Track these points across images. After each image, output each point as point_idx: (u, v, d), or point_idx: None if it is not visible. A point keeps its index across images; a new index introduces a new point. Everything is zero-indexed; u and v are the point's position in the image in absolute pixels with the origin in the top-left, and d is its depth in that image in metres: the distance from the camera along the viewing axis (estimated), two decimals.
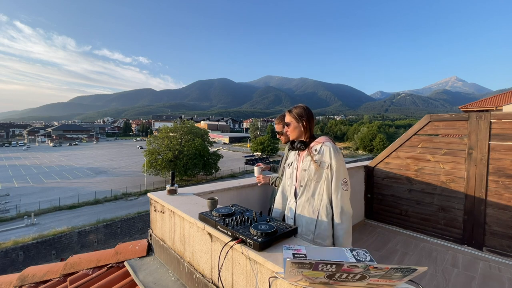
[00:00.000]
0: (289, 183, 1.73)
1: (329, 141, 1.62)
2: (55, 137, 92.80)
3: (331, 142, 1.61)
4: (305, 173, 1.60)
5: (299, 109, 1.69)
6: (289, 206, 1.70)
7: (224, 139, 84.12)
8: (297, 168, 1.67)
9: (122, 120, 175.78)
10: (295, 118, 1.68)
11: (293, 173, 1.68)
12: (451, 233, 3.11)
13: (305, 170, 1.60)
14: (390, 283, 0.81)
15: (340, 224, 1.54)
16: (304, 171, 1.60)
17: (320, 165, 1.56)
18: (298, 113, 1.68)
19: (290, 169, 1.72)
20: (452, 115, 3.14)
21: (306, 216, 1.57)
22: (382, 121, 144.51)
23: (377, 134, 70.48)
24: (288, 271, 0.84)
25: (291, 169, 1.71)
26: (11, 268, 14.76)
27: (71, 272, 2.11)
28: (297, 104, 1.72)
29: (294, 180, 1.67)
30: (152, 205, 2.21)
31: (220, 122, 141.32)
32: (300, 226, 1.58)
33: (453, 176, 3.09)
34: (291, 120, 1.69)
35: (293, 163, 1.71)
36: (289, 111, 1.71)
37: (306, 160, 1.61)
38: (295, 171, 1.67)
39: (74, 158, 50.31)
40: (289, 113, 1.70)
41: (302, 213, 1.59)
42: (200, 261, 1.57)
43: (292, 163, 1.72)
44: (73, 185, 29.18)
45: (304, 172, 1.60)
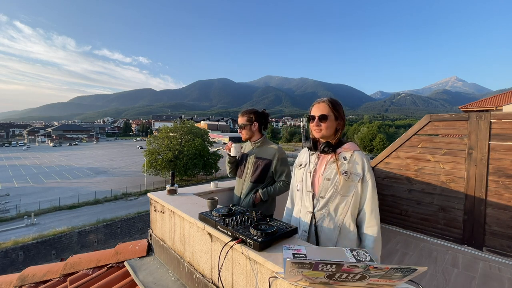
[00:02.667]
0: (299, 187, 1.49)
1: (359, 150, 1.41)
2: (55, 137, 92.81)
3: (362, 151, 1.41)
4: (329, 183, 1.36)
5: (338, 104, 1.41)
6: (300, 216, 1.46)
7: (224, 139, 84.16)
8: (315, 173, 1.43)
9: (122, 120, 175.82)
10: (335, 113, 1.40)
11: (308, 177, 1.44)
12: (451, 233, 3.11)
13: (329, 179, 1.36)
14: (390, 283, 0.81)
15: (373, 249, 1.32)
16: (328, 181, 1.36)
17: (350, 177, 1.34)
18: (338, 107, 1.41)
19: (303, 171, 1.49)
20: (452, 115, 3.14)
21: (325, 231, 1.37)
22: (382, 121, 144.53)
23: (377, 134, 70.51)
24: (288, 271, 0.84)
25: (304, 172, 1.47)
26: (11, 268, 14.76)
27: (71, 272, 2.11)
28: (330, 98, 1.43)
29: (310, 187, 1.42)
30: (152, 205, 2.21)
31: (220, 122, 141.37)
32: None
33: (453, 176, 3.09)
34: (329, 113, 1.38)
35: (308, 165, 1.47)
36: (331, 102, 1.41)
37: (331, 168, 1.38)
38: (310, 174, 1.43)
39: (74, 158, 50.30)
40: (329, 104, 1.40)
41: (321, 227, 1.37)
42: (200, 261, 1.57)
43: (306, 165, 1.48)
44: (73, 185, 29.18)
45: (327, 182, 1.36)
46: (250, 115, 2.18)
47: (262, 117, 2.24)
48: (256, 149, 2.22)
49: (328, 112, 1.38)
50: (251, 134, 2.21)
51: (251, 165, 2.19)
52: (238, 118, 2.25)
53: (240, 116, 2.22)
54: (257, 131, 2.22)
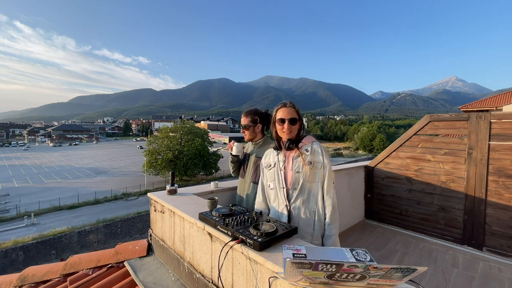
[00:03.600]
0: (273, 186, 1.62)
1: (316, 141, 1.61)
2: (55, 137, 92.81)
3: (318, 141, 1.61)
4: (299, 175, 1.53)
5: (297, 106, 1.61)
6: (278, 210, 1.59)
7: (224, 139, 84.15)
8: (285, 170, 1.58)
9: (122, 120, 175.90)
10: (299, 115, 1.59)
11: (279, 175, 1.58)
12: (451, 233, 3.11)
13: (299, 172, 1.53)
14: (390, 283, 0.81)
15: (333, 223, 1.53)
16: (298, 173, 1.53)
17: (314, 166, 1.53)
18: (299, 110, 1.61)
19: (274, 170, 1.62)
20: (452, 115, 3.14)
21: (303, 218, 1.52)
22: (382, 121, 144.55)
23: (377, 134, 70.53)
24: (288, 271, 0.84)
25: (276, 171, 1.60)
26: (11, 268, 14.77)
27: (71, 272, 2.11)
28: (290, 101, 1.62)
29: (282, 183, 1.56)
30: (152, 205, 2.21)
31: (220, 122, 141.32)
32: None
33: (453, 176, 3.09)
34: (296, 117, 1.57)
35: (277, 163, 1.61)
36: (292, 105, 1.59)
37: (298, 161, 1.55)
38: (281, 172, 1.58)
39: (74, 158, 50.30)
40: (292, 107, 1.58)
41: (298, 216, 1.52)
42: (200, 261, 1.57)
43: (275, 164, 1.62)
44: (73, 185, 29.18)
45: (298, 174, 1.53)
46: (254, 116, 2.17)
47: (266, 118, 2.24)
48: (257, 149, 2.22)
49: (296, 116, 1.57)
50: (254, 135, 2.21)
51: (252, 165, 2.20)
52: (242, 118, 2.22)
53: (244, 117, 2.20)
54: (260, 132, 2.22)
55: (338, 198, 1.65)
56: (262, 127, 2.23)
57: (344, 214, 3.45)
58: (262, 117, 2.20)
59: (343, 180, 3.46)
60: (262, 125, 2.22)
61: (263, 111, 2.25)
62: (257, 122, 2.18)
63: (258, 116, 2.18)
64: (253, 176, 2.17)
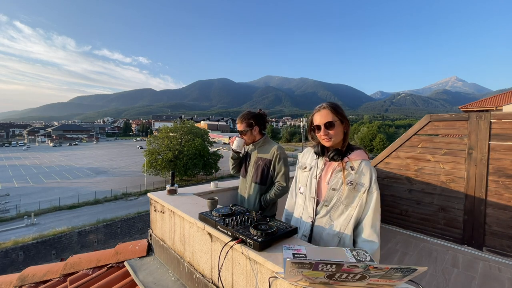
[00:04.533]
0: (303, 190, 1.46)
1: (367, 159, 1.37)
2: (55, 137, 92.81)
3: (369, 161, 1.37)
4: (334, 192, 1.33)
5: (339, 106, 1.37)
6: (302, 219, 1.45)
7: (224, 139, 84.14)
8: (320, 179, 1.40)
9: (122, 120, 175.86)
10: (339, 117, 1.34)
11: (312, 183, 1.40)
12: (451, 233, 3.11)
13: (335, 189, 1.33)
14: (390, 283, 0.81)
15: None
16: (334, 191, 1.33)
17: (356, 188, 1.31)
18: (340, 110, 1.35)
19: (307, 175, 1.45)
20: (452, 115, 3.14)
21: (324, 239, 1.35)
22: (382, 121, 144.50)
23: (377, 134, 70.52)
24: (288, 271, 0.83)
25: (309, 177, 1.43)
26: (11, 268, 14.76)
27: (71, 272, 2.11)
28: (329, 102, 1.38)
29: (314, 192, 1.39)
30: (152, 205, 2.21)
31: (220, 122, 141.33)
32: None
33: (453, 176, 3.09)
34: (334, 119, 1.32)
35: (313, 169, 1.43)
36: (333, 107, 1.35)
37: (337, 177, 1.34)
38: (315, 180, 1.40)
39: (74, 158, 50.30)
40: (328, 109, 1.34)
41: (321, 235, 1.36)
42: (200, 261, 1.57)
43: (312, 168, 1.44)
44: (73, 185, 29.18)
45: (333, 192, 1.34)
46: (249, 120, 2.15)
47: (261, 119, 2.22)
48: (258, 148, 2.23)
49: (333, 118, 1.33)
50: (253, 138, 2.20)
51: (253, 165, 2.20)
52: (237, 124, 2.20)
53: (239, 123, 2.17)
54: (258, 134, 2.22)
55: None
56: (259, 129, 2.22)
57: None
58: (256, 119, 2.19)
59: None
60: (259, 126, 2.21)
61: (257, 112, 2.23)
62: (253, 126, 2.16)
63: (253, 119, 2.16)
64: (254, 176, 2.17)
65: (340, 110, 1.36)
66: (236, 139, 2.16)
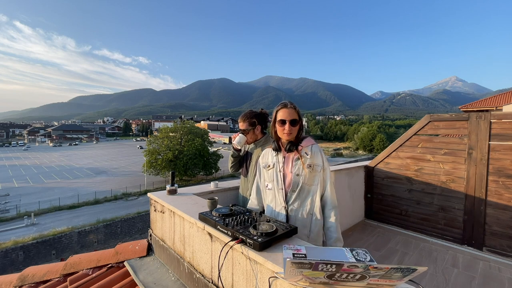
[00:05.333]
0: (271, 186, 1.61)
1: (316, 143, 1.61)
2: (55, 137, 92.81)
3: (317, 144, 1.62)
4: (298, 177, 1.53)
5: (297, 107, 1.58)
6: (275, 210, 1.59)
7: (224, 139, 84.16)
8: (283, 171, 1.57)
9: (122, 120, 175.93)
10: (299, 116, 1.57)
11: (278, 176, 1.57)
12: (451, 233, 3.11)
13: (299, 174, 1.53)
14: (390, 283, 0.81)
15: (335, 222, 1.55)
16: (298, 176, 1.53)
17: (314, 168, 1.54)
18: (299, 111, 1.59)
19: (272, 171, 1.61)
20: (452, 115, 3.14)
21: (300, 220, 1.53)
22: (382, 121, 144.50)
23: (377, 134, 70.54)
24: (288, 271, 0.83)
25: (274, 172, 1.60)
26: (11, 268, 14.77)
27: (71, 272, 2.11)
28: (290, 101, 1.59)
29: (281, 184, 1.56)
30: (152, 205, 2.21)
31: (220, 122, 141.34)
32: None
33: (453, 176, 3.09)
34: (297, 118, 1.55)
35: (276, 164, 1.60)
36: (292, 106, 1.56)
37: (297, 164, 1.54)
38: (280, 173, 1.57)
39: (74, 158, 50.31)
40: (293, 108, 1.55)
41: (295, 218, 1.54)
42: (200, 261, 1.57)
43: (275, 164, 1.61)
44: (73, 185, 29.18)
45: (297, 177, 1.53)
46: (252, 119, 2.16)
47: (263, 118, 2.24)
48: (259, 147, 2.23)
49: (296, 117, 1.55)
50: (255, 137, 2.21)
51: (255, 164, 2.21)
52: (239, 123, 2.20)
53: (242, 122, 2.18)
54: (260, 133, 2.23)
55: (338, 198, 1.66)
56: (261, 128, 2.23)
57: (344, 214, 3.45)
58: (259, 118, 2.20)
59: (343, 180, 3.46)
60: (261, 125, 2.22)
61: (259, 111, 2.25)
62: (255, 125, 2.18)
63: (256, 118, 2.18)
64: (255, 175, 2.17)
65: (299, 110, 1.60)
66: (239, 135, 2.16)
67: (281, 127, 1.55)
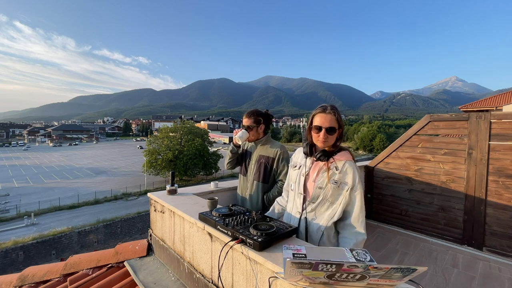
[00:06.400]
0: (293, 187, 1.55)
1: (352, 160, 1.44)
2: (55, 137, 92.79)
3: (354, 161, 1.45)
4: (320, 191, 1.41)
5: (340, 112, 1.42)
6: (291, 213, 1.54)
7: (224, 139, 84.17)
8: (307, 177, 1.48)
9: (122, 120, 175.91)
10: (338, 121, 1.39)
11: (301, 180, 1.49)
12: (451, 233, 3.11)
13: (321, 188, 1.41)
14: (390, 283, 0.81)
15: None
16: (320, 189, 1.41)
17: (340, 186, 1.39)
18: (340, 117, 1.41)
19: (297, 173, 1.53)
20: (452, 115, 3.14)
21: (309, 232, 1.45)
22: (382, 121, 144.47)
23: (377, 134, 70.50)
24: (288, 271, 0.83)
25: (298, 174, 1.52)
26: (11, 268, 14.76)
27: (71, 272, 2.11)
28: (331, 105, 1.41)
29: (302, 189, 1.47)
30: (152, 205, 2.21)
31: (220, 122, 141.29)
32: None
33: (453, 176, 3.09)
34: (336, 126, 1.39)
35: (302, 167, 1.51)
36: (333, 112, 1.39)
37: (323, 176, 1.42)
38: (303, 177, 1.48)
39: (74, 158, 50.30)
40: (333, 114, 1.38)
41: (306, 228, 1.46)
42: (200, 261, 1.57)
43: (301, 167, 1.52)
44: (73, 185, 29.18)
45: (319, 190, 1.42)
46: (258, 117, 2.18)
47: (268, 119, 2.26)
48: (260, 146, 2.24)
49: (336, 125, 1.38)
50: (257, 135, 2.22)
51: (255, 163, 2.21)
52: (244, 119, 2.21)
53: (247, 118, 2.18)
54: (262, 132, 2.24)
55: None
56: (265, 127, 2.24)
57: None
58: (264, 117, 2.23)
59: None
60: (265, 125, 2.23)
61: (264, 112, 2.27)
62: (260, 123, 2.19)
63: (261, 116, 2.20)
64: (256, 174, 2.17)
65: (340, 116, 1.43)
66: (241, 130, 2.15)
67: (316, 134, 1.41)
